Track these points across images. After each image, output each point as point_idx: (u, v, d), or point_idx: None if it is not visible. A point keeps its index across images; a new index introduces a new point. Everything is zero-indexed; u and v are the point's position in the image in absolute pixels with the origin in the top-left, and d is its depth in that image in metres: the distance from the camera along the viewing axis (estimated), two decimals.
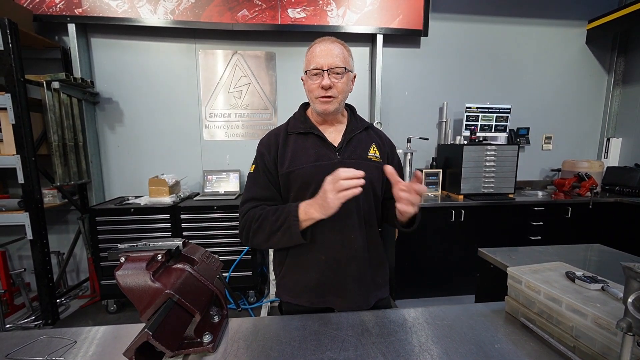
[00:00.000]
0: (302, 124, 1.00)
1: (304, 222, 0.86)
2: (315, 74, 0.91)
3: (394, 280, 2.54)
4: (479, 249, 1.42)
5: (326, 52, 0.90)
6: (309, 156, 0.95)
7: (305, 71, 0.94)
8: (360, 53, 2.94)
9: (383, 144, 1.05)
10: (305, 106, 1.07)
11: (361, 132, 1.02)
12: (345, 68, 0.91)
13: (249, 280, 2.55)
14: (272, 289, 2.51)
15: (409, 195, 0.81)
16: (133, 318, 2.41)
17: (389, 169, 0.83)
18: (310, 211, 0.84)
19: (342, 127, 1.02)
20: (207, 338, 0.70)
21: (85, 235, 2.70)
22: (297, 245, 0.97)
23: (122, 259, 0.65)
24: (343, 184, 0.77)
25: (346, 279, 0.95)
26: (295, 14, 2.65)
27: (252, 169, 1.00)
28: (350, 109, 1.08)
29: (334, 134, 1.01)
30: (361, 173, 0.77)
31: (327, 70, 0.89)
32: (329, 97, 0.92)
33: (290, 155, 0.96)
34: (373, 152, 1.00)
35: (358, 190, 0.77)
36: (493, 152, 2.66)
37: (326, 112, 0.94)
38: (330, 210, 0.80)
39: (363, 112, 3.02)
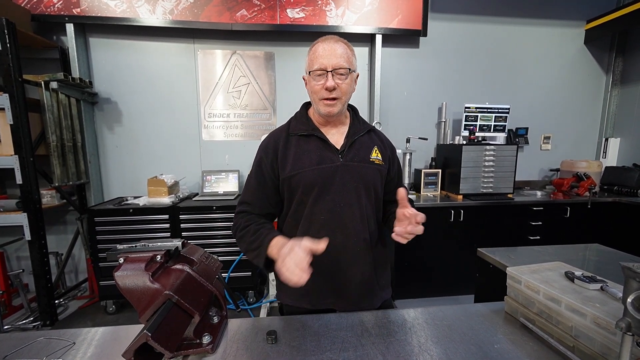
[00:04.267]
0: (304, 126, 0.99)
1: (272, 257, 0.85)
2: (319, 75, 0.89)
3: (393, 280, 2.56)
4: (478, 249, 1.42)
5: (330, 52, 0.88)
6: (311, 159, 0.94)
7: (309, 72, 0.92)
8: (359, 53, 2.93)
9: (385, 147, 1.04)
10: (306, 106, 1.05)
11: (364, 134, 1.01)
12: (349, 69, 0.90)
13: (249, 281, 2.54)
14: (272, 290, 2.50)
15: (410, 226, 0.79)
16: (132, 319, 2.40)
17: (402, 193, 0.83)
18: (273, 252, 0.83)
19: (344, 129, 1.01)
20: (206, 339, 0.70)
21: (83, 235, 2.69)
22: None
23: (121, 260, 0.65)
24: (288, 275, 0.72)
25: (349, 281, 0.95)
26: (294, 14, 2.65)
27: (251, 171, 1.01)
28: (352, 110, 1.07)
29: (337, 136, 1.00)
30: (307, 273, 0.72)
31: (331, 71, 0.88)
32: (333, 99, 0.90)
33: (292, 158, 0.95)
34: (375, 155, 0.99)
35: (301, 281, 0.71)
36: (492, 152, 2.66)
37: (330, 115, 0.93)
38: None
39: (362, 113, 2.99)
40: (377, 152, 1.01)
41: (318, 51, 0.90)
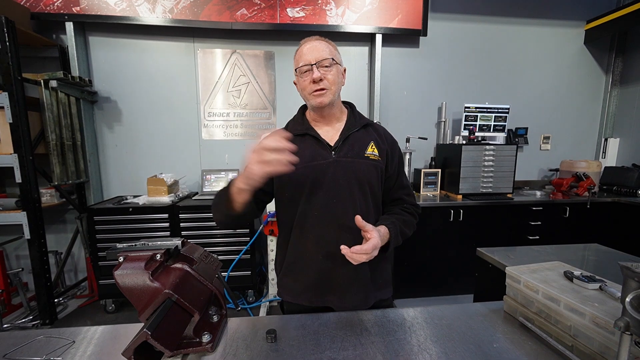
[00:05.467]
0: (299, 126, 1.01)
1: (237, 194, 0.83)
2: (305, 71, 0.93)
3: (392, 280, 2.56)
4: (478, 248, 1.42)
5: (311, 49, 0.94)
6: (304, 157, 0.95)
7: (296, 70, 0.96)
8: (359, 53, 2.94)
9: (382, 142, 1.04)
10: (304, 109, 1.08)
11: (359, 130, 1.02)
12: (332, 59, 0.94)
13: (248, 280, 2.54)
14: (271, 289, 2.51)
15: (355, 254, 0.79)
16: (131, 318, 2.41)
17: (358, 220, 0.82)
18: (236, 182, 0.82)
19: (340, 126, 1.02)
20: (206, 338, 0.70)
21: (83, 234, 2.69)
22: (296, 244, 0.97)
23: (121, 259, 0.65)
24: (267, 155, 0.72)
25: (344, 278, 0.95)
26: (294, 13, 2.65)
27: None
28: (350, 106, 1.08)
29: (332, 133, 1.01)
30: (288, 146, 0.72)
31: (315, 64, 0.92)
32: (322, 89, 0.93)
33: None
34: (371, 150, 0.99)
35: (286, 168, 0.73)
36: (491, 152, 2.66)
37: (322, 105, 0.95)
38: (252, 182, 0.77)
39: (362, 112, 3.02)
40: (374, 147, 1.00)
41: (302, 51, 0.95)
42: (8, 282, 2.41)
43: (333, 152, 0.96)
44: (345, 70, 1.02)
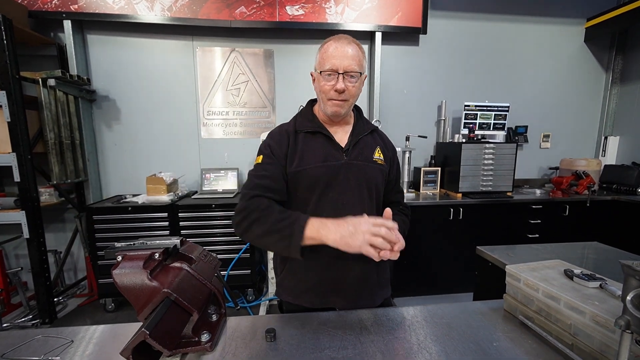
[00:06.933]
0: (310, 123, 0.99)
1: (309, 239, 0.78)
2: (330, 75, 0.88)
3: (392, 278, 2.56)
4: (478, 247, 1.42)
5: (342, 53, 0.87)
6: (317, 156, 0.94)
7: (320, 71, 0.91)
8: None
9: (386, 148, 1.06)
10: (312, 103, 1.06)
11: (367, 134, 1.02)
12: (360, 73, 0.90)
13: (248, 279, 2.54)
14: (271, 287, 2.51)
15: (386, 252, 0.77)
16: (131, 317, 2.40)
17: (387, 213, 0.81)
18: (323, 232, 0.77)
19: (348, 128, 1.02)
20: (205, 337, 0.70)
21: (82, 233, 2.68)
22: None
23: (119, 258, 0.65)
24: (379, 240, 0.71)
25: (349, 279, 0.95)
26: (294, 11, 2.63)
27: (260, 160, 0.95)
28: (357, 110, 1.08)
29: (341, 134, 1.00)
30: (396, 241, 0.73)
31: (342, 73, 0.87)
32: (342, 100, 0.91)
33: (299, 154, 0.95)
34: (378, 155, 1.01)
35: (385, 254, 0.73)
36: (491, 151, 2.66)
37: (337, 115, 0.94)
38: (351, 248, 0.73)
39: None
40: (380, 152, 1.02)
41: (330, 50, 0.89)
42: (7, 281, 2.41)
43: (345, 154, 0.96)
44: (365, 77, 0.98)
